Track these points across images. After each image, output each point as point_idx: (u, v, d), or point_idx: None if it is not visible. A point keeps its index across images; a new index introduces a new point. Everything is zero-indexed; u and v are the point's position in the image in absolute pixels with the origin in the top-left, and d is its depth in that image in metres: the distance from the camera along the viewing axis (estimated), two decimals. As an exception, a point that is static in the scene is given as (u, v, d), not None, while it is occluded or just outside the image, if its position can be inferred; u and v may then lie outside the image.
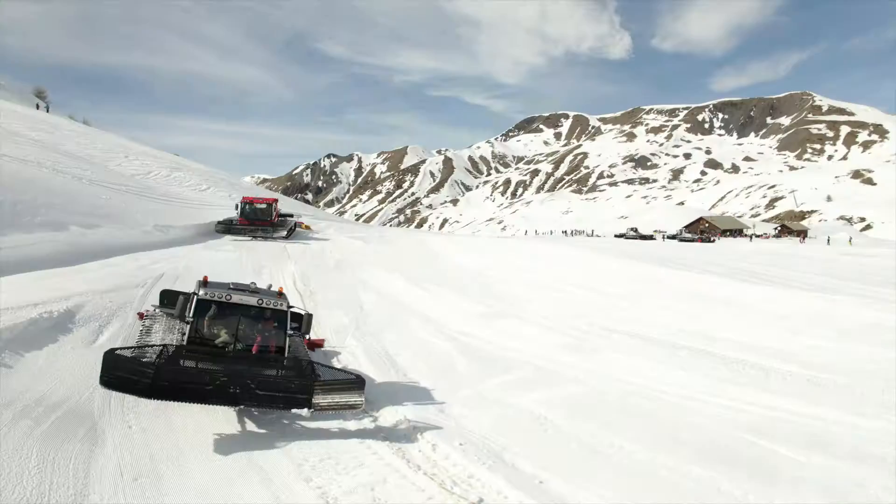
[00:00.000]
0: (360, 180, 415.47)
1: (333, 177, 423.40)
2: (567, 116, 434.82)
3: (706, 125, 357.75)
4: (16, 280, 12.58)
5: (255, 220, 26.53)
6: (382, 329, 14.34)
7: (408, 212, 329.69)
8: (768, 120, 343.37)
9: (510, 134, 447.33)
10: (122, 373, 7.10)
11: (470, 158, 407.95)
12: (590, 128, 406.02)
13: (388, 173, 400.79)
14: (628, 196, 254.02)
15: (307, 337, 10.80)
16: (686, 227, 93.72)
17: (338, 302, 16.77)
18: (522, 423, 9.01)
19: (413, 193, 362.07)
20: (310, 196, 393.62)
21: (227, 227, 25.92)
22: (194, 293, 8.64)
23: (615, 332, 14.63)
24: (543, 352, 12.89)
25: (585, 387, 10.71)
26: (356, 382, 8.04)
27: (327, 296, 17.45)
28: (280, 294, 9.17)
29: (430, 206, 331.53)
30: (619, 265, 25.88)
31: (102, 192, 22.94)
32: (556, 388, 10.61)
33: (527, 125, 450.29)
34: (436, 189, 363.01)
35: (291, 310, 9.23)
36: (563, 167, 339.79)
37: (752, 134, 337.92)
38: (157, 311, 11.22)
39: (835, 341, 14.19)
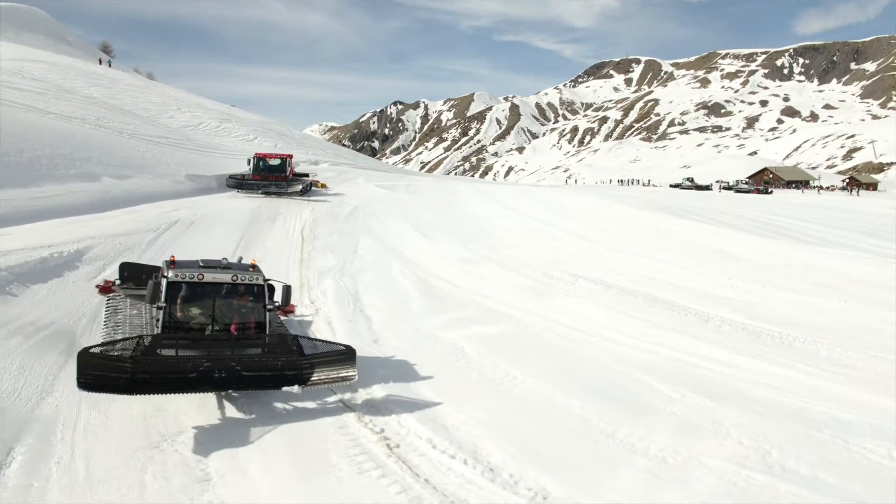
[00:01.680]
0: (426, 128, 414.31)
1: (400, 124, 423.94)
2: (639, 61, 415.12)
3: (785, 71, 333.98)
4: (43, 225, 14.55)
5: (269, 176, 25.68)
6: (363, 271, 15.60)
7: (473, 160, 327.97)
8: (852, 65, 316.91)
9: (579, 80, 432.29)
10: (99, 371, 6.86)
11: (537, 105, 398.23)
12: (662, 73, 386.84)
13: (454, 121, 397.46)
14: (699, 145, 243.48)
15: (277, 303, 10.72)
16: (750, 177, 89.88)
17: (335, 247, 18.11)
18: (441, 354, 10.12)
19: (479, 141, 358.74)
20: (376, 144, 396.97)
21: (238, 183, 25.07)
22: (163, 276, 8.24)
23: (583, 278, 15.33)
24: (502, 295, 13.84)
25: (518, 326, 11.67)
26: (347, 354, 7.85)
27: (328, 241, 18.83)
28: (254, 267, 8.70)
29: (495, 154, 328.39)
30: (631, 216, 26.07)
31: (140, 145, 25.08)
32: (491, 326, 11.63)
33: (596, 71, 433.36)
34: (502, 137, 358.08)
35: (269, 282, 8.90)
36: (633, 114, 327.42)
37: (834, 80, 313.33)
38: (119, 285, 10.99)
39: (802, 294, 14.44)
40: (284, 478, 6.41)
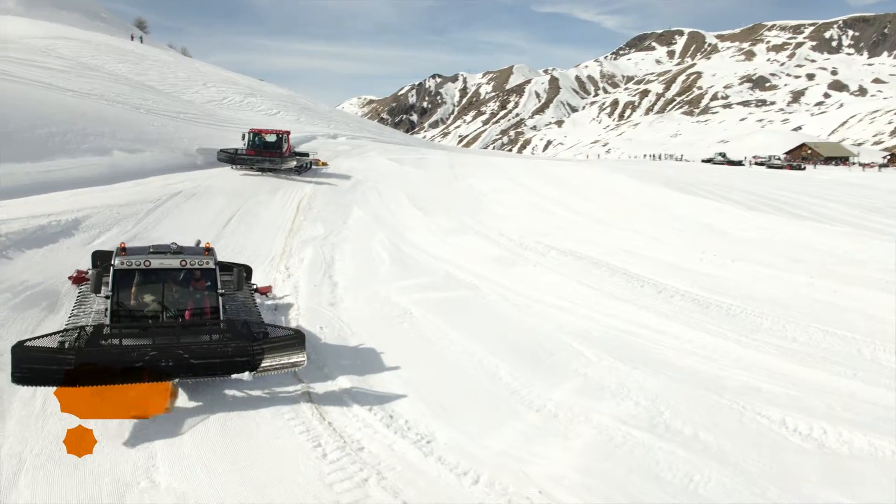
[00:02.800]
0: (464, 101, 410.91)
1: (438, 97, 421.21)
2: (682, 33, 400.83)
3: (833, 43, 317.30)
4: (51, 196, 15.67)
5: (263, 152, 24.38)
6: (347, 240, 16.32)
7: (511, 133, 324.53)
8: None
9: (620, 52, 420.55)
10: (37, 364, 6.72)
11: (577, 78, 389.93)
12: (705, 45, 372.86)
13: (492, 94, 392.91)
14: (742, 119, 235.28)
15: (255, 286, 11.06)
16: (787, 153, 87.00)
17: (327, 217, 18.83)
18: (390, 316, 10.81)
19: (517, 114, 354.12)
20: (414, 117, 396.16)
21: (230, 157, 23.71)
22: (111, 264, 8.00)
23: (556, 249, 15.74)
24: (471, 264, 14.39)
25: (474, 293, 12.24)
26: (296, 338, 7.73)
27: (322, 212, 19.57)
28: (207, 250, 8.48)
29: (534, 128, 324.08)
30: (632, 190, 26.13)
31: (156, 120, 26.20)
32: (448, 292, 12.25)
33: (638, 43, 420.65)
34: (540, 110, 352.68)
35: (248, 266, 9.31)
36: (675, 87, 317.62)
37: (885, 53, 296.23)
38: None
39: (772, 268, 14.60)
40: (207, 426, 7.11)
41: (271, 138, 25.18)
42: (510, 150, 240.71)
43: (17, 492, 5.72)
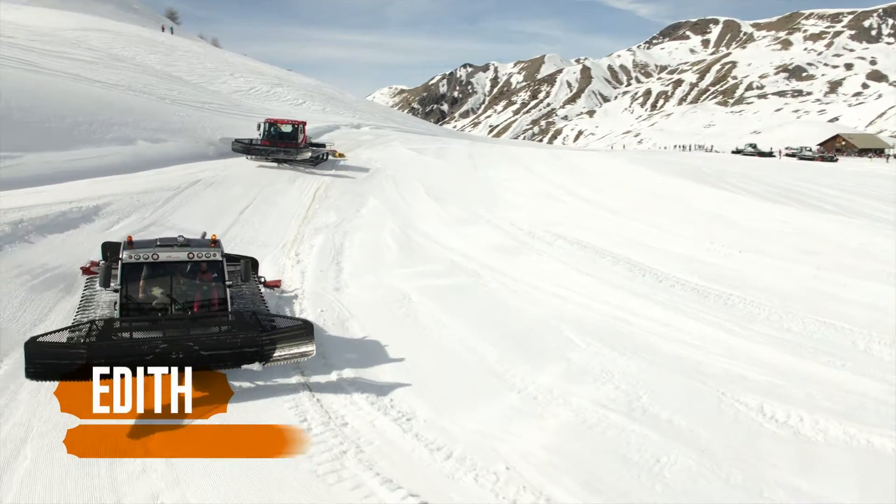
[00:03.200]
0: (495, 91, 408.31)
1: (469, 87, 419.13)
2: (717, 22, 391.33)
3: (873, 32, 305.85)
4: (75, 184, 16.34)
5: (278, 143, 24.09)
6: (358, 228, 16.68)
7: (542, 123, 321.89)
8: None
9: (654, 41, 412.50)
10: (50, 359, 6.89)
11: (609, 68, 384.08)
12: (741, 34, 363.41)
13: (523, 83, 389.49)
14: (777, 110, 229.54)
15: (263, 279, 11.21)
16: (821, 144, 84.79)
17: (341, 206, 19.23)
18: (389, 300, 11.14)
19: (548, 104, 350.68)
20: (445, 107, 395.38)
21: (245, 147, 23.50)
22: (119, 257, 8.18)
23: (564, 239, 15.84)
24: (477, 252, 14.61)
25: (475, 280, 12.50)
26: (305, 329, 7.85)
27: (337, 201, 19.98)
28: (214, 242, 8.59)
29: (565, 118, 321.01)
30: (649, 180, 25.97)
31: (181, 110, 26.93)
32: (449, 279, 12.53)
33: (672, 32, 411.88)
34: (572, 100, 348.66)
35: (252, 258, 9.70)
36: (709, 77, 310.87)
37: None
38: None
39: (779, 259, 14.50)
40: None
41: (287, 129, 24.78)
42: (540, 141, 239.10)
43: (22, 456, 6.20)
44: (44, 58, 25.52)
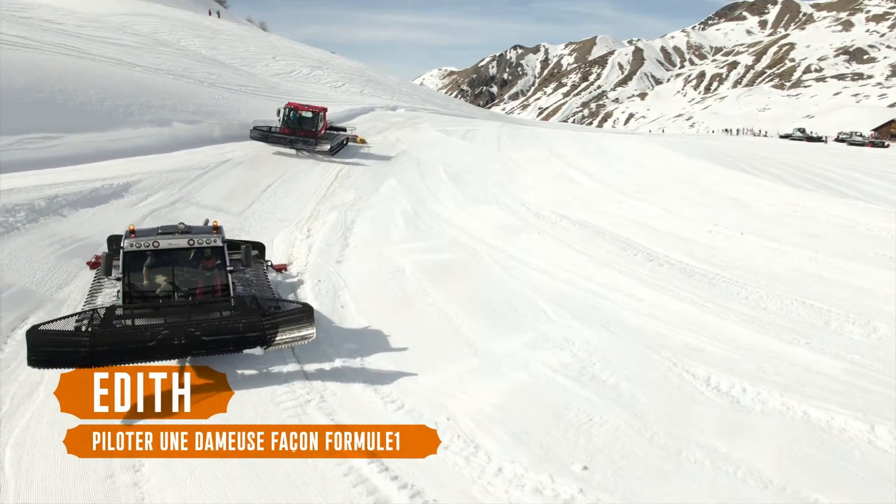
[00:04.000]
0: (545, 73, 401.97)
1: (519, 69, 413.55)
2: (775, 2, 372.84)
3: None
4: (111, 163, 17.60)
5: (298, 130, 23.49)
6: (371, 206, 17.45)
7: (592, 106, 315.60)
8: None
9: (709, 22, 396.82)
10: (52, 347, 6.98)
11: (662, 49, 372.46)
12: (800, 15, 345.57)
13: (574, 65, 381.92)
14: (836, 93, 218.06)
15: (269, 262, 11.41)
16: (876, 129, 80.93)
17: (360, 185, 20.02)
18: (382, 273, 11.89)
19: (599, 87, 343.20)
20: (494, 89, 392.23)
21: (263, 135, 22.86)
22: (120, 246, 8.31)
23: (568, 219, 16.21)
24: (479, 230, 15.17)
25: (470, 256, 13.11)
26: (305, 312, 7.95)
27: (358, 180, 20.80)
28: (215, 229, 8.70)
29: (616, 101, 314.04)
30: (671, 163, 25.85)
31: (217, 93, 28.16)
32: (446, 254, 13.21)
33: (728, 12, 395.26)
34: (623, 82, 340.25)
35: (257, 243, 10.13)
36: (766, 59, 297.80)
37: None
38: None
39: (779, 242, 14.57)
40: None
41: (307, 115, 24.24)
42: (590, 124, 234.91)
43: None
44: (90, 43, 27.08)
